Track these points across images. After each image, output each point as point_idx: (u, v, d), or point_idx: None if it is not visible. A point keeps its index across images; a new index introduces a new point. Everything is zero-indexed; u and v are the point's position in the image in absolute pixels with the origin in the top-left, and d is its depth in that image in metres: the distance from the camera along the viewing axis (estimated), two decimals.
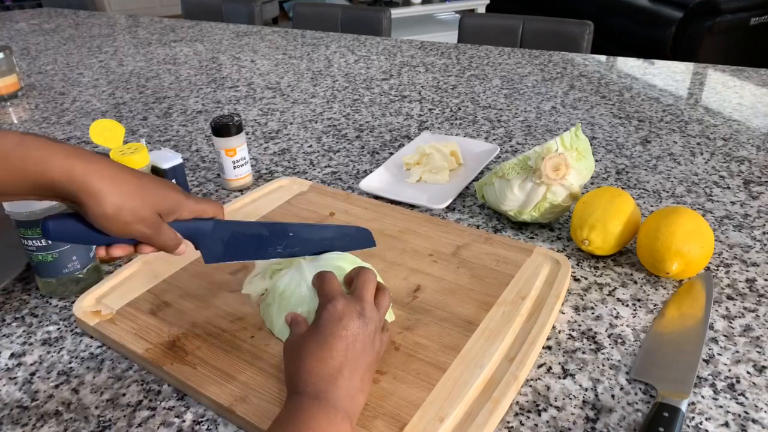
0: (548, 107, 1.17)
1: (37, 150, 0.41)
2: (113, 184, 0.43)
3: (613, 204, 0.66)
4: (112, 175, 0.43)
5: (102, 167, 0.43)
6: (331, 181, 0.91)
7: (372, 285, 0.50)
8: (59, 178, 0.41)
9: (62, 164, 0.41)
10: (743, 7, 2.82)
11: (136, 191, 0.45)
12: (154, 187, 0.47)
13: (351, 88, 1.34)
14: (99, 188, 0.42)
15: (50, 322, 0.63)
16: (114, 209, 0.43)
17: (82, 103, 1.32)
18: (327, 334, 0.44)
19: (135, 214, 0.44)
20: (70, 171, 0.41)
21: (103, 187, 0.42)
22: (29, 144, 0.41)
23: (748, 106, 1.13)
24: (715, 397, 0.51)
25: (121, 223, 0.44)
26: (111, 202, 0.43)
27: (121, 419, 0.51)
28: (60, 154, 0.42)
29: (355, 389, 0.44)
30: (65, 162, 0.42)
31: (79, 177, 0.42)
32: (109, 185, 0.43)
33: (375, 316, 0.48)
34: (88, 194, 0.42)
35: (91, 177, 0.42)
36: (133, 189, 0.44)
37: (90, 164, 0.42)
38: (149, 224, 0.46)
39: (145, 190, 0.45)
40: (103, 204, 0.43)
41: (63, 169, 0.41)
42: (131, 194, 0.44)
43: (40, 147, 0.42)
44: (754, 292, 0.63)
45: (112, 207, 0.43)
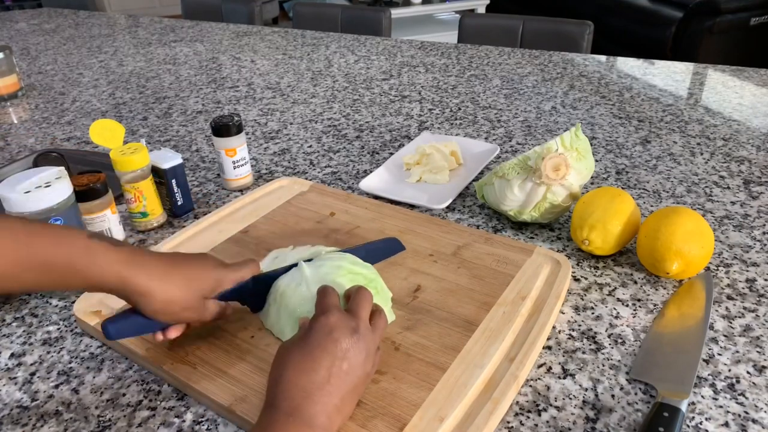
0: (548, 107, 1.17)
1: (100, 258, 0.45)
2: (161, 283, 0.47)
3: (613, 204, 0.66)
4: (159, 275, 0.48)
5: (150, 270, 0.47)
6: (331, 181, 0.91)
7: (368, 304, 0.49)
8: (114, 284, 0.46)
9: (117, 271, 0.46)
10: (743, 7, 2.82)
11: (181, 284, 0.49)
12: (198, 274, 0.51)
13: (351, 88, 1.34)
14: (148, 290, 0.47)
15: (50, 322, 0.63)
16: (163, 305, 0.48)
17: (82, 103, 1.32)
18: (314, 346, 0.44)
19: (182, 304, 0.49)
20: (124, 278, 0.46)
21: (152, 288, 0.47)
22: (95, 251, 0.45)
23: (748, 106, 1.13)
24: (715, 397, 0.51)
25: (170, 314, 0.49)
26: (159, 299, 0.48)
27: (121, 419, 0.51)
28: (115, 262, 0.46)
29: (334, 408, 0.42)
30: (119, 268, 0.46)
31: (131, 283, 0.46)
32: (157, 285, 0.47)
33: (369, 335, 0.46)
34: (139, 295, 0.47)
35: (140, 280, 0.46)
36: (179, 283, 0.49)
37: (140, 269, 0.47)
38: (195, 309, 0.51)
39: (190, 280, 0.50)
40: (153, 302, 0.47)
41: (118, 276, 0.46)
42: (177, 289, 0.49)
43: (103, 255, 0.46)
44: (754, 292, 0.63)
45: (161, 304, 0.48)
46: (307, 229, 0.74)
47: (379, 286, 0.58)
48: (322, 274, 0.56)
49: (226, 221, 0.77)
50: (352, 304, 0.49)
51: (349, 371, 0.44)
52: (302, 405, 0.41)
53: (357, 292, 0.50)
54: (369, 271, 0.59)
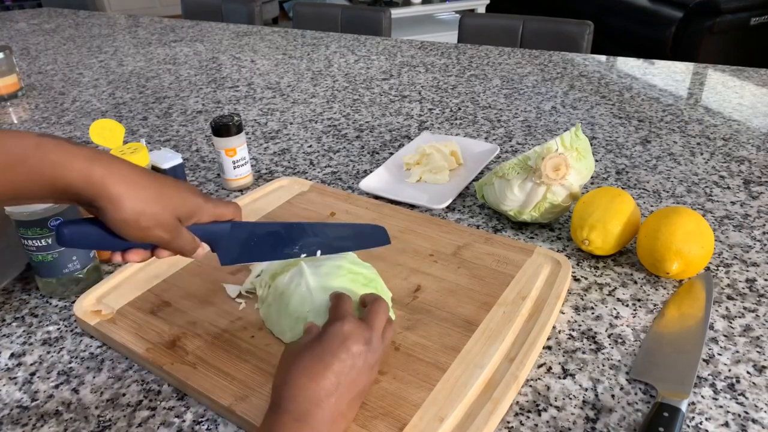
0: (548, 107, 1.17)
1: (55, 153, 0.40)
2: (133, 189, 0.42)
3: (613, 204, 0.66)
4: (132, 180, 0.42)
5: (122, 171, 0.42)
6: (331, 181, 0.91)
7: (384, 316, 0.49)
8: (78, 182, 0.40)
9: (81, 168, 0.40)
10: (743, 7, 2.82)
11: (156, 196, 0.43)
12: (175, 191, 0.46)
13: (351, 88, 1.34)
14: (118, 193, 0.41)
15: (50, 322, 0.63)
16: (133, 215, 0.42)
17: (82, 103, 1.32)
18: (327, 351, 0.43)
19: (155, 219, 0.43)
20: (89, 175, 0.40)
21: (123, 192, 0.41)
22: (47, 146, 0.40)
23: (748, 106, 1.13)
24: (715, 397, 0.51)
25: (140, 229, 0.43)
26: (130, 207, 0.42)
27: (121, 419, 0.51)
28: (79, 158, 0.41)
29: (339, 414, 0.42)
30: (84, 165, 0.40)
31: (98, 181, 0.40)
32: (129, 190, 0.42)
33: (379, 347, 0.47)
34: (107, 199, 0.41)
35: (110, 181, 0.41)
36: (154, 194, 0.43)
37: (109, 168, 0.41)
38: (168, 229, 0.45)
39: (166, 195, 0.44)
40: (122, 209, 0.42)
41: (81, 173, 0.40)
42: (151, 199, 0.43)
43: (58, 150, 0.40)
44: (754, 292, 0.63)
45: (131, 212, 0.42)
46: None
47: (379, 286, 0.58)
48: (322, 273, 0.56)
49: None
50: (369, 313, 0.48)
51: (357, 380, 0.44)
52: (310, 410, 0.41)
53: (375, 301, 0.50)
54: (369, 271, 0.59)
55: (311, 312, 0.53)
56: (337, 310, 0.48)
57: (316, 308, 0.53)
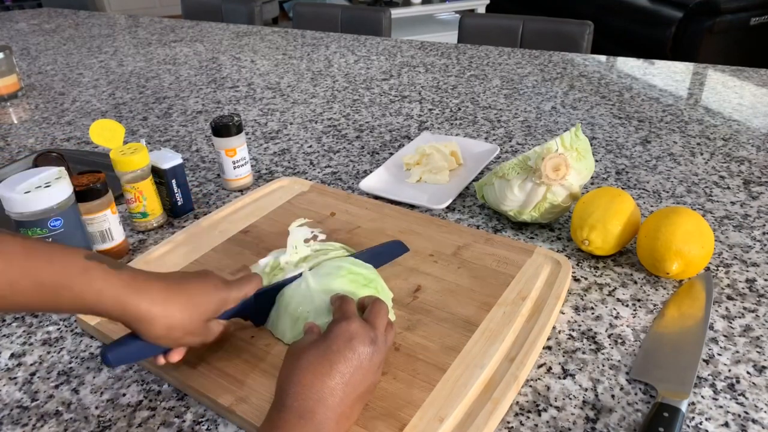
0: (548, 107, 1.17)
1: (98, 280, 0.43)
2: (163, 308, 0.46)
3: (613, 204, 0.66)
4: (161, 301, 0.46)
5: (152, 295, 0.45)
6: (331, 181, 0.91)
7: (386, 316, 0.49)
8: (113, 309, 0.44)
9: (116, 296, 0.44)
10: (743, 7, 2.82)
11: (184, 308, 0.47)
12: (200, 297, 0.49)
13: (351, 88, 1.34)
14: (149, 316, 0.45)
15: (50, 322, 0.63)
16: (165, 331, 0.46)
17: (82, 103, 1.32)
18: (333, 350, 0.43)
19: (184, 330, 0.47)
20: (124, 304, 0.44)
21: (154, 314, 0.45)
22: (93, 274, 0.43)
23: (748, 106, 1.13)
24: (715, 397, 0.51)
25: (172, 340, 0.48)
26: (161, 325, 0.46)
27: (121, 419, 0.51)
28: (115, 286, 0.44)
29: (342, 414, 0.42)
30: (119, 293, 0.44)
31: (132, 309, 0.44)
32: (159, 311, 0.45)
33: (384, 347, 0.47)
34: (141, 321, 0.45)
35: (141, 306, 0.44)
36: (182, 307, 0.47)
37: (141, 294, 0.45)
38: (198, 333, 0.49)
39: (193, 304, 0.48)
40: (155, 329, 0.46)
41: (117, 301, 0.44)
42: (180, 313, 0.47)
43: (101, 277, 0.44)
44: (754, 292, 0.63)
45: (163, 330, 0.46)
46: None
47: (380, 286, 0.58)
48: (323, 274, 0.56)
49: (226, 221, 0.77)
50: (370, 314, 0.49)
51: (362, 379, 0.44)
52: (314, 409, 0.41)
53: (374, 303, 0.50)
54: (369, 271, 0.59)
55: (311, 312, 0.53)
56: (341, 310, 0.48)
57: (316, 308, 0.53)
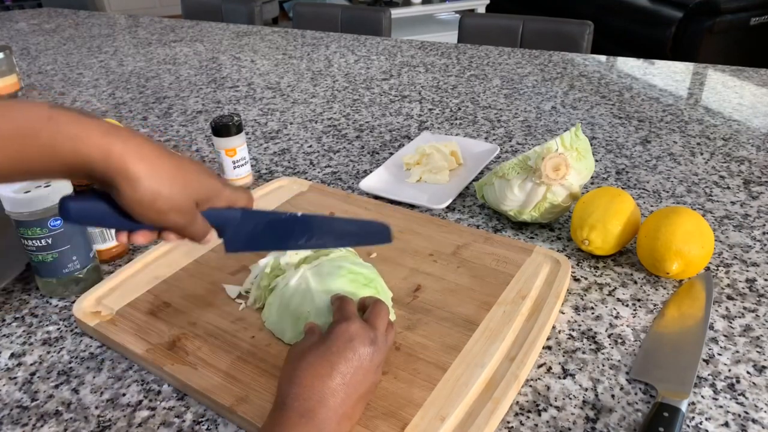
0: (548, 107, 1.17)
1: (69, 126, 0.37)
2: (152, 168, 0.39)
3: (613, 204, 0.66)
4: (152, 159, 0.39)
5: (142, 149, 0.39)
6: (331, 181, 0.91)
7: (386, 316, 0.49)
8: (95, 158, 0.38)
9: (99, 143, 0.37)
10: (743, 7, 2.82)
11: (175, 177, 0.41)
12: (194, 173, 0.43)
13: (351, 88, 1.34)
14: (137, 172, 0.38)
15: (50, 322, 0.63)
16: (150, 196, 0.39)
17: (82, 103, 1.31)
18: (333, 351, 0.43)
19: (171, 202, 0.41)
20: (108, 151, 0.38)
21: (142, 171, 0.39)
22: (61, 119, 0.37)
23: (748, 106, 1.13)
24: (715, 397, 0.51)
25: (155, 211, 0.41)
26: (148, 188, 0.39)
27: (121, 419, 0.51)
28: (96, 132, 0.38)
29: (343, 414, 0.42)
30: (102, 140, 0.38)
31: (117, 159, 0.38)
32: (148, 169, 0.39)
33: (384, 347, 0.47)
34: (125, 178, 0.38)
35: (129, 159, 0.38)
36: (173, 175, 0.41)
37: (128, 144, 0.39)
38: (184, 214, 0.43)
39: (185, 176, 0.42)
40: (140, 190, 0.39)
41: (100, 149, 0.37)
42: (170, 180, 0.40)
43: (73, 122, 0.38)
44: (754, 292, 0.63)
45: (149, 193, 0.39)
46: None
47: (380, 286, 0.58)
48: (323, 274, 0.56)
49: None
50: (370, 314, 0.48)
51: (362, 380, 0.44)
52: (316, 409, 0.41)
53: (375, 303, 0.50)
54: (369, 270, 0.59)
55: (312, 312, 0.53)
56: (341, 311, 0.48)
57: (316, 308, 0.53)
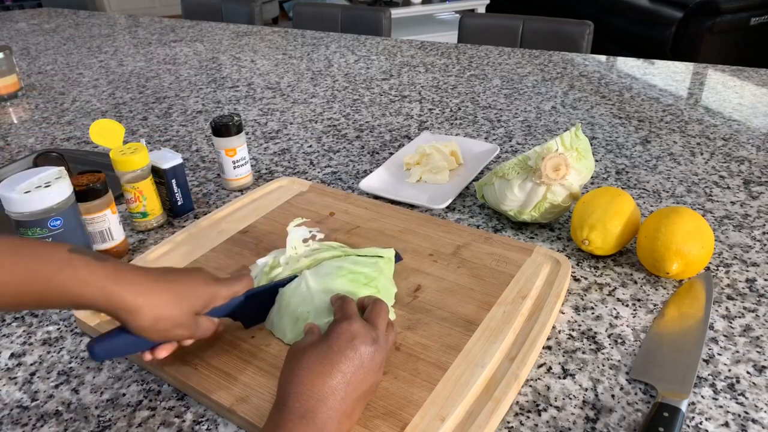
0: (548, 107, 1.17)
1: (82, 273, 0.43)
2: (149, 299, 0.45)
3: (613, 204, 0.66)
4: (147, 291, 0.45)
5: (137, 284, 0.45)
6: (331, 181, 0.91)
7: (386, 315, 0.49)
8: (98, 300, 0.43)
9: (101, 286, 0.43)
10: (743, 7, 2.82)
11: (171, 299, 0.47)
12: (189, 290, 0.49)
13: (351, 88, 1.34)
14: (135, 306, 0.44)
15: (50, 322, 0.63)
16: (151, 322, 0.45)
17: (82, 103, 1.32)
18: (334, 350, 0.43)
19: (172, 321, 0.47)
20: (108, 294, 0.44)
21: (140, 304, 0.45)
22: (77, 265, 0.43)
23: (748, 106, 1.14)
24: (715, 397, 0.51)
25: (159, 332, 0.47)
26: (148, 316, 0.45)
27: (121, 419, 0.51)
28: (100, 276, 0.44)
29: (344, 414, 0.42)
30: (104, 284, 0.43)
31: (116, 298, 0.44)
32: (145, 301, 0.45)
33: (385, 347, 0.47)
34: (125, 312, 0.44)
35: (127, 296, 0.44)
36: (168, 299, 0.47)
37: (127, 284, 0.44)
38: (186, 327, 0.48)
39: (180, 297, 0.47)
40: (141, 319, 0.45)
41: (102, 292, 0.43)
42: (167, 303, 0.46)
43: (85, 269, 0.43)
44: (754, 292, 0.63)
45: (149, 320, 0.45)
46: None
47: (380, 285, 0.58)
48: (323, 274, 0.56)
49: (226, 221, 0.77)
50: (371, 314, 0.48)
51: (363, 379, 0.44)
52: (316, 408, 0.41)
53: (375, 302, 0.50)
54: (370, 270, 0.59)
55: (312, 312, 0.53)
56: (342, 310, 0.48)
57: (316, 308, 0.53)
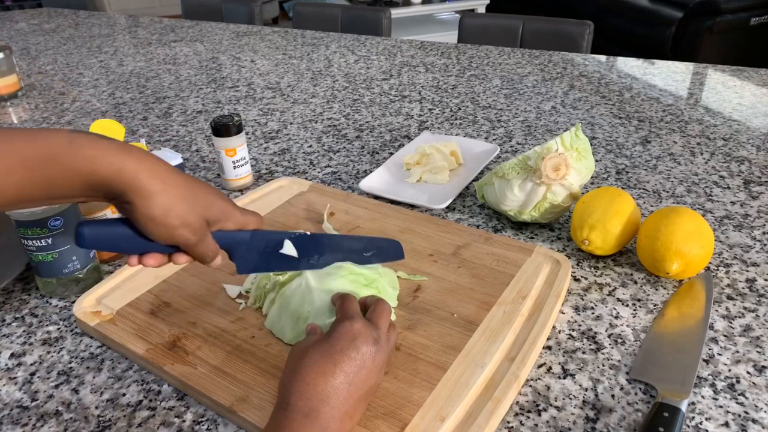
0: (548, 107, 1.17)
1: (88, 148, 0.40)
2: (164, 184, 0.42)
3: (613, 204, 0.66)
4: (163, 176, 0.42)
5: (154, 167, 0.42)
6: (331, 181, 0.91)
7: (388, 316, 0.49)
8: (109, 175, 0.40)
9: (113, 161, 0.40)
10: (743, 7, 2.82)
11: (187, 194, 0.43)
12: (205, 192, 0.45)
13: (351, 88, 1.34)
14: (149, 188, 0.41)
15: (50, 322, 0.63)
16: (162, 211, 0.42)
17: (82, 103, 1.31)
18: (337, 350, 0.43)
19: (182, 218, 0.43)
20: (121, 169, 0.40)
21: (154, 187, 0.41)
22: (80, 141, 0.40)
23: (748, 106, 1.14)
24: (715, 397, 0.51)
25: (166, 227, 0.43)
26: (160, 203, 0.41)
27: (121, 419, 0.51)
28: (111, 151, 0.40)
29: (346, 414, 0.42)
30: (117, 159, 0.40)
31: (130, 175, 0.40)
32: (159, 185, 0.41)
33: (387, 347, 0.47)
34: (138, 194, 0.41)
35: (142, 175, 0.41)
36: (184, 192, 0.43)
37: (141, 162, 0.41)
38: (195, 230, 0.45)
39: (196, 194, 0.44)
40: (152, 205, 0.41)
41: (113, 167, 0.40)
42: (181, 197, 0.43)
43: (91, 144, 0.40)
44: (754, 292, 0.63)
45: (161, 208, 0.42)
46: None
47: (380, 286, 0.58)
48: (323, 274, 0.56)
49: None
50: (373, 314, 0.48)
51: (365, 379, 0.44)
52: (320, 408, 0.41)
53: (377, 303, 0.50)
54: (370, 271, 0.59)
55: (312, 312, 0.53)
56: (344, 309, 0.48)
57: (316, 308, 0.53)
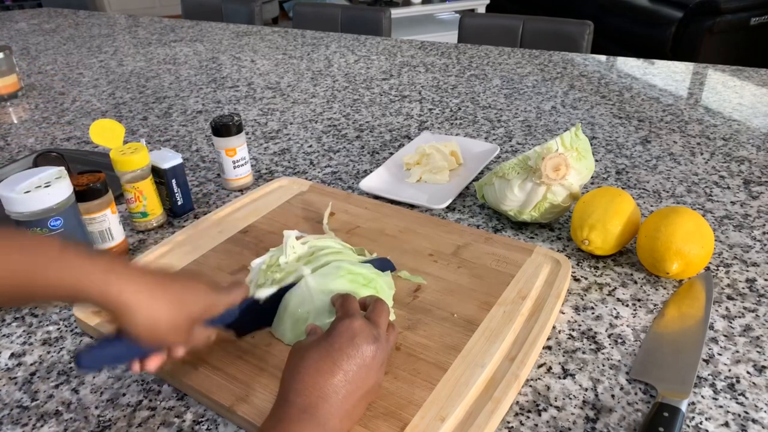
0: (548, 107, 1.17)
1: (75, 267, 0.42)
2: (150, 298, 0.44)
3: (613, 204, 0.66)
4: (146, 290, 0.44)
5: (137, 283, 0.44)
6: (331, 181, 0.91)
7: (387, 315, 0.50)
8: (93, 294, 0.42)
9: (98, 281, 0.42)
10: (743, 7, 2.82)
11: (171, 304, 0.45)
12: (189, 295, 0.47)
13: (351, 88, 1.34)
14: (133, 306, 0.43)
15: (50, 322, 0.63)
16: (150, 323, 0.44)
17: (82, 103, 1.31)
18: (336, 348, 0.43)
19: (170, 326, 0.45)
20: (106, 290, 0.42)
21: (138, 303, 0.43)
22: (69, 256, 0.42)
23: (748, 106, 1.14)
24: (715, 397, 0.51)
25: (155, 335, 0.45)
26: (146, 316, 0.43)
27: (121, 419, 0.51)
28: (97, 271, 0.42)
29: (345, 412, 0.42)
30: (101, 278, 0.42)
31: (113, 295, 0.42)
32: (143, 301, 0.43)
33: (386, 346, 0.47)
34: (122, 312, 0.43)
35: (125, 295, 0.42)
36: (168, 302, 0.45)
37: (124, 282, 0.43)
38: (183, 332, 0.47)
39: (180, 301, 0.46)
40: (138, 321, 0.43)
41: (98, 287, 0.42)
42: (166, 308, 0.45)
43: (78, 262, 0.42)
44: (754, 292, 0.63)
45: (146, 320, 0.44)
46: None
47: (379, 286, 0.58)
48: (322, 274, 0.56)
49: (226, 221, 0.77)
50: (372, 313, 0.49)
51: (365, 378, 0.44)
52: (318, 404, 0.41)
53: (376, 302, 0.50)
54: (369, 271, 0.59)
55: (312, 313, 0.53)
56: (344, 308, 0.48)
57: (316, 309, 0.53)
